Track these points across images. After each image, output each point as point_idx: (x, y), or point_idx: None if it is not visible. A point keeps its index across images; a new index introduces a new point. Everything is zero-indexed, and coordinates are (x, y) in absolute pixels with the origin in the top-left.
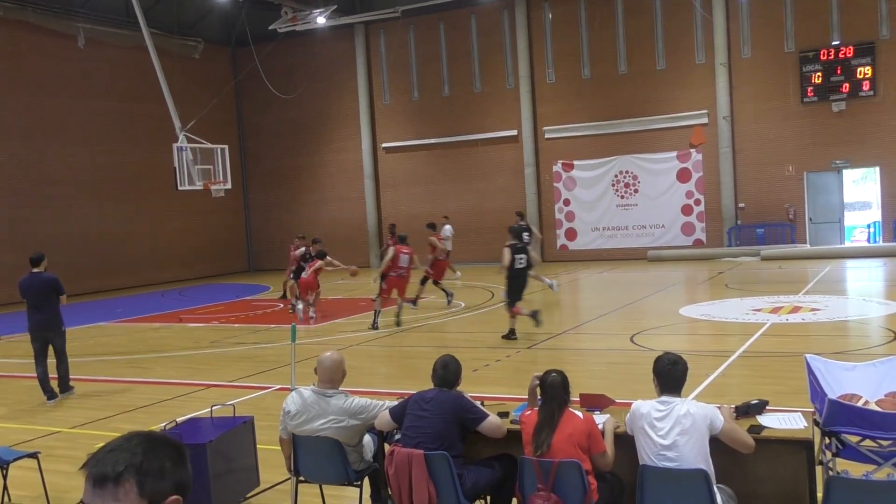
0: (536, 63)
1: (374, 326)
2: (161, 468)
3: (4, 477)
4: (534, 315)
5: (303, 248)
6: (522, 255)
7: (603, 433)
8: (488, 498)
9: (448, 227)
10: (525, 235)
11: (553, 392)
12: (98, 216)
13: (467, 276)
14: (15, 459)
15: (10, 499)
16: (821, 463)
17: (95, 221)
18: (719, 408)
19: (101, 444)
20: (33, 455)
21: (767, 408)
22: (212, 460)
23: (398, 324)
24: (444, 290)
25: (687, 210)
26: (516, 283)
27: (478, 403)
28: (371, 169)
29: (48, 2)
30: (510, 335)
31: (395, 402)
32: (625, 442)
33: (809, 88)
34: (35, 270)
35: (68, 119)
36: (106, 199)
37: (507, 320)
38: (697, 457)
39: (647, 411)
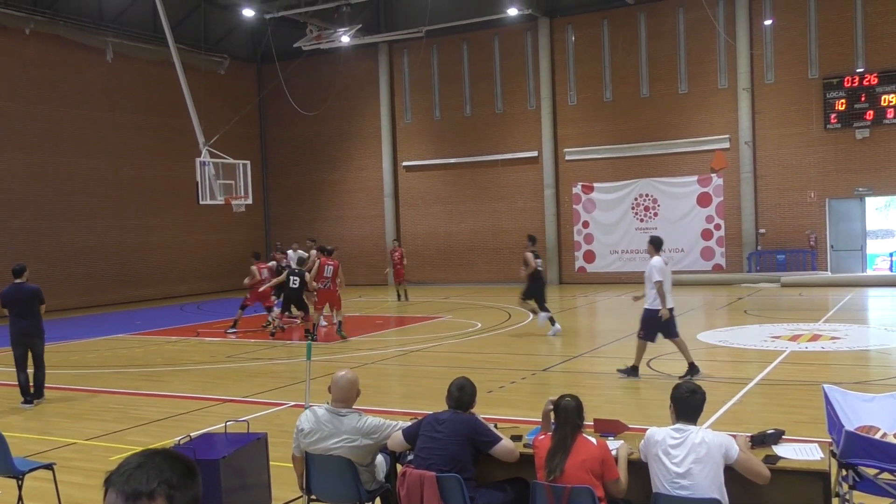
0: (558, 85)
1: (313, 336)
2: (184, 483)
3: (20, 488)
4: (551, 320)
5: (273, 263)
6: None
7: (616, 460)
8: None
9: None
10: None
11: (567, 416)
12: (119, 228)
13: (484, 296)
14: (30, 470)
15: None
16: (837, 495)
17: (116, 234)
18: (735, 437)
19: (121, 461)
20: (48, 466)
21: (783, 438)
22: (225, 476)
23: (343, 337)
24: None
25: (707, 235)
26: (538, 284)
27: (491, 426)
28: (391, 187)
29: (79, 16)
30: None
31: (409, 423)
32: (638, 469)
33: (833, 115)
34: (17, 281)
35: (93, 131)
36: (127, 211)
37: (524, 344)
38: (711, 486)
39: (661, 438)
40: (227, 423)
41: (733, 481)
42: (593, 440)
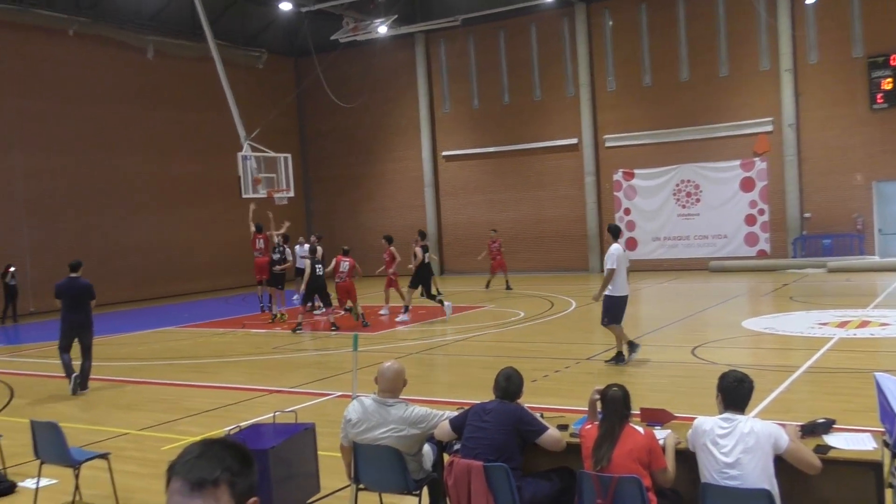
0: (597, 71)
1: (363, 321)
2: (244, 471)
3: (76, 477)
4: (440, 302)
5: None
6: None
7: (664, 449)
8: None
9: None
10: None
11: (614, 406)
12: (164, 223)
13: (527, 285)
14: (86, 460)
15: (81, 498)
16: (890, 486)
17: (162, 229)
18: (784, 426)
19: (182, 450)
20: (104, 456)
21: (834, 427)
22: (274, 466)
23: (365, 325)
24: None
25: (750, 220)
26: (425, 275)
27: (537, 415)
28: (431, 177)
29: (119, 16)
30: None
31: (455, 413)
32: (686, 458)
33: (879, 95)
34: (73, 275)
35: (137, 129)
36: (172, 206)
37: (567, 333)
38: (761, 476)
39: (709, 428)
40: (276, 414)
41: (783, 472)
42: (640, 430)
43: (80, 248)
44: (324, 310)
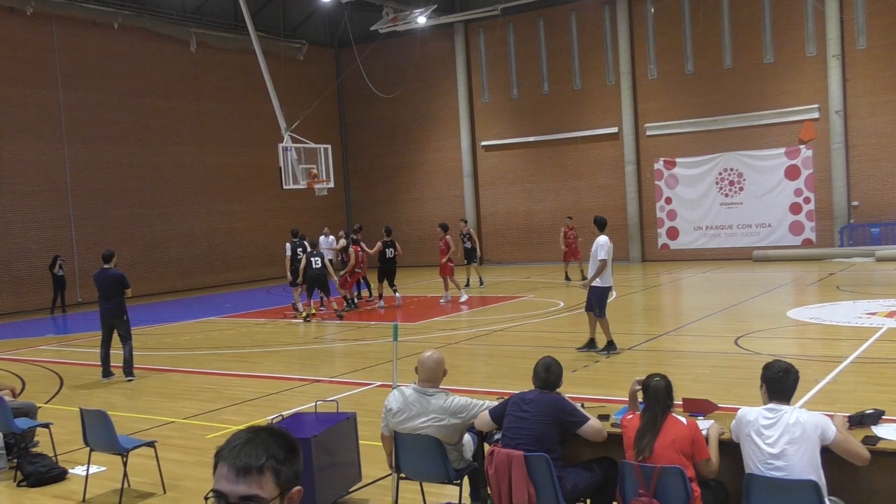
0: (638, 59)
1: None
2: (289, 459)
3: (125, 464)
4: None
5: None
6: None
7: (707, 440)
8: (588, 501)
9: None
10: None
11: (657, 397)
12: (207, 214)
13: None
14: (134, 448)
15: (129, 484)
16: None
17: (204, 220)
18: (831, 417)
19: (229, 437)
20: (150, 444)
21: (884, 418)
22: (316, 455)
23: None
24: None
25: (795, 208)
26: (389, 268)
27: (578, 405)
28: (470, 167)
29: (164, 9)
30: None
31: (495, 403)
32: (730, 449)
33: None
34: (105, 266)
35: (180, 120)
36: (214, 197)
37: (610, 322)
38: (808, 467)
39: (754, 418)
40: (317, 403)
41: (830, 463)
42: (683, 420)
43: (125, 238)
44: (370, 298)
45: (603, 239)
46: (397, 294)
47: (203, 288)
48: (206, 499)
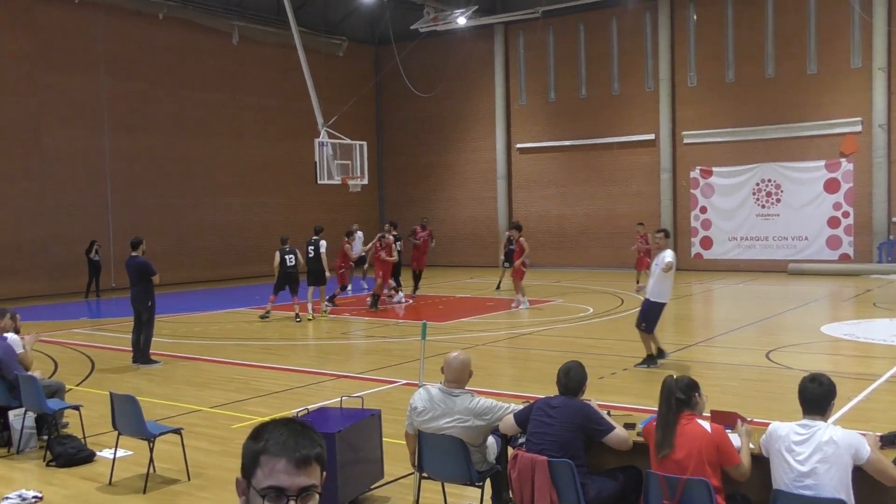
0: (678, 65)
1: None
2: (324, 446)
3: (151, 450)
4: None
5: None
6: (291, 255)
7: (737, 447)
8: None
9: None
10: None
11: (668, 392)
12: (241, 206)
13: (597, 281)
14: (161, 434)
15: (155, 470)
16: None
17: (238, 211)
18: (864, 435)
19: (261, 430)
20: (177, 431)
21: None
22: (340, 450)
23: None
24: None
25: (834, 222)
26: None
27: (604, 413)
28: (504, 169)
29: (208, 2)
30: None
31: (521, 406)
32: (758, 463)
33: None
34: (133, 254)
35: (217, 113)
36: (248, 190)
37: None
38: (838, 486)
39: (785, 434)
40: (343, 399)
41: (860, 482)
42: (706, 425)
43: (159, 227)
44: (398, 294)
45: (671, 253)
46: (399, 292)
47: (234, 279)
48: (263, 497)
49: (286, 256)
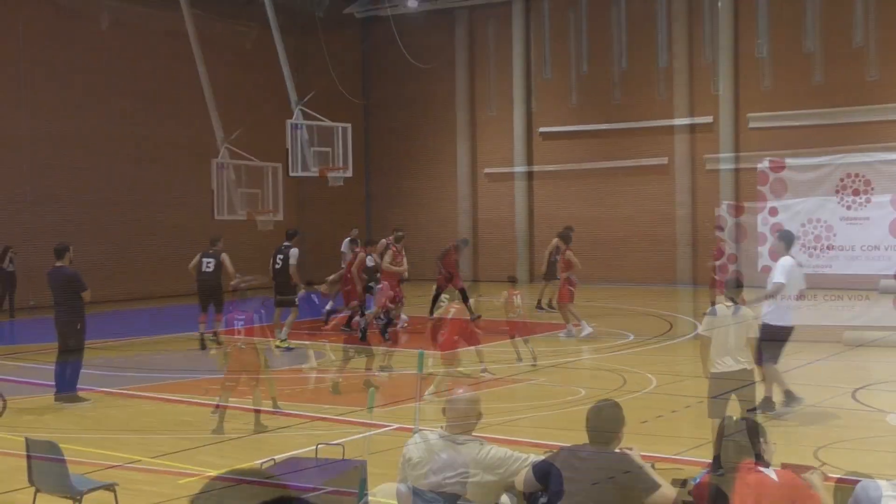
0: (743, 32)
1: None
2: None
3: None
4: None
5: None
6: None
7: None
8: None
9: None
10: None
11: (723, 437)
12: (195, 205)
13: (639, 300)
14: (90, 491)
15: None
16: None
17: (191, 211)
18: None
19: None
20: (110, 487)
21: None
22: None
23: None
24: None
25: None
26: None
27: (646, 466)
28: (523, 158)
29: None
30: None
31: (541, 457)
32: None
33: None
34: (58, 264)
35: (165, 88)
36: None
37: (688, 363)
38: None
39: (876, 495)
40: (319, 446)
41: None
42: (772, 474)
43: (91, 230)
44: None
45: (789, 261)
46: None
47: (184, 295)
48: None
49: (204, 260)
